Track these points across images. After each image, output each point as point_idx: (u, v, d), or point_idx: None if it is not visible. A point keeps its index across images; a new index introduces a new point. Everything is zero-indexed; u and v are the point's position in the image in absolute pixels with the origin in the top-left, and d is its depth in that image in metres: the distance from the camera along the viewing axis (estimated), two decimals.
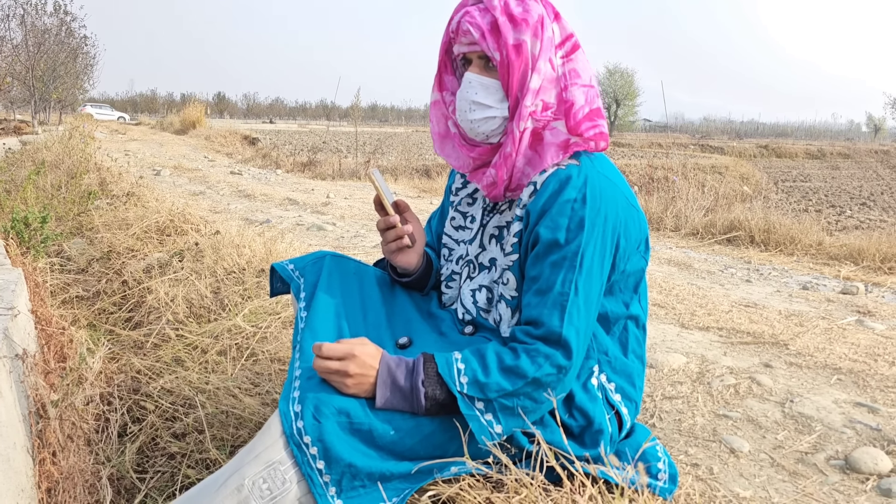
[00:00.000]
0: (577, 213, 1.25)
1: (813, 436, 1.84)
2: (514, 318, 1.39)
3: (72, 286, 3.39)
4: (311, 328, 1.39)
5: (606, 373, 1.41)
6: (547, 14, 1.33)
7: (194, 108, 25.51)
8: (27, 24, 16.78)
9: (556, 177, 1.29)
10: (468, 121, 1.36)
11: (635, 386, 1.46)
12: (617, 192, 1.31)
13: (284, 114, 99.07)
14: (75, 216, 4.66)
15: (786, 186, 23.23)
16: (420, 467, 1.26)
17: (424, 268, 1.57)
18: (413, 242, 1.52)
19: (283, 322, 2.50)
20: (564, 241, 1.25)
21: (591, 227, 1.25)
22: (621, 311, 1.40)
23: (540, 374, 1.22)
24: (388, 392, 1.23)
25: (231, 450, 1.78)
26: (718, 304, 3.19)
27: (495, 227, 1.45)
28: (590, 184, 1.27)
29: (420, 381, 1.23)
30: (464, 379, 1.23)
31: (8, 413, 1.49)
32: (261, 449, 1.20)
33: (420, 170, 13.61)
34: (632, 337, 1.45)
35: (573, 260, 1.25)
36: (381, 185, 1.48)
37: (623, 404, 1.43)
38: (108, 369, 2.30)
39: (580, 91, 1.33)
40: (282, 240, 3.81)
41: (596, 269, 1.27)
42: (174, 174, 9.26)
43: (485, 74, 1.34)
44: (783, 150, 42.93)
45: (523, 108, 1.31)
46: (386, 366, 1.25)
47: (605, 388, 1.40)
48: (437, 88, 1.47)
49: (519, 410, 1.24)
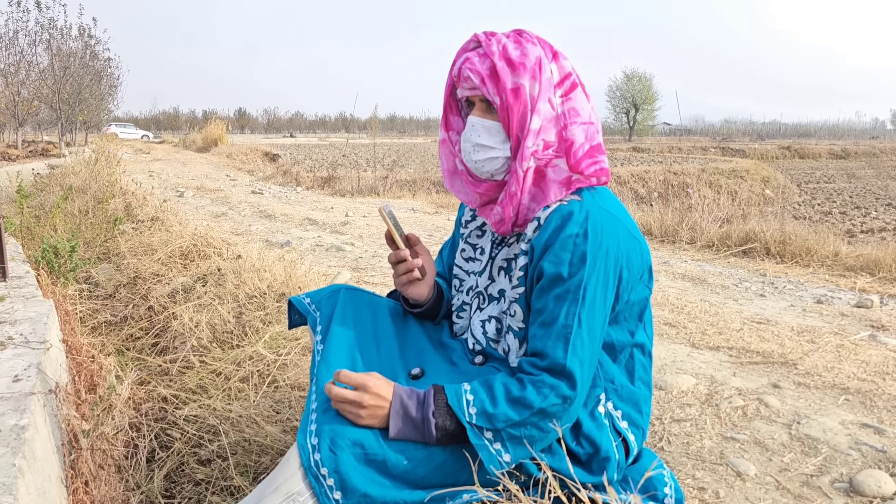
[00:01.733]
0: (580, 248, 1.30)
1: (818, 458, 1.87)
2: (521, 349, 1.44)
3: (100, 312, 3.51)
4: (326, 361, 1.45)
5: (613, 400, 1.45)
6: (545, 55, 1.38)
7: (216, 126, 25.87)
8: (53, 48, 17.20)
9: (559, 212, 1.34)
10: (472, 161, 1.43)
11: (642, 412, 1.50)
12: (618, 224, 1.36)
13: (304, 127, 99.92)
14: (102, 242, 4.80)
15: (809, 188, 22.97)
16: (433, 496, 1.32)
17: (435, 298, 1.62)
18: (424, 275, 1.58)
19: (302, 348, 2.58)
20: (567, 274, 1.30)
21: (592, 261, 1.30)
22: (627, 339, 1.45)
23: (546, 405, 1.28)
24: (400, 423, 1.29)
25: (254, 476, 1.85)
26: (730, 322, 3.22)
27: (504, 259, 1.50)
28: (591, 219, 1.32)
29: (431, 412, 1.29)
30: (472, 410, 1.29)
31: (43, 446, 1.58)
32: (281, 480, 1.27)
33: (438, 182, 13.71)
34: (638, 364, 1.49)
35: (576, 293, 1.30)
36: (392, 221, 1.55)
37: (630, 431, 1.47)
38: (136, 395, 2.40)
39: (580, 129, 1.39)
40: (301, 263, 3.91)
41: (599, 301, 1.31)
42: (197, 195, 9.45)
43: (487, 117, 1.41)
44: (806, 150, 42.42)
45: (525, 149, 1.36)
46: (399, 398, 1.30)
47: (612, 415, 1.45)
48: (444, 128, 1.54)
49: (526, 440, 1.30)
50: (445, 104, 1.52)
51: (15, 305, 2.53)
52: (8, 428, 1.50)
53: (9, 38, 15.83)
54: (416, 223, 7.06)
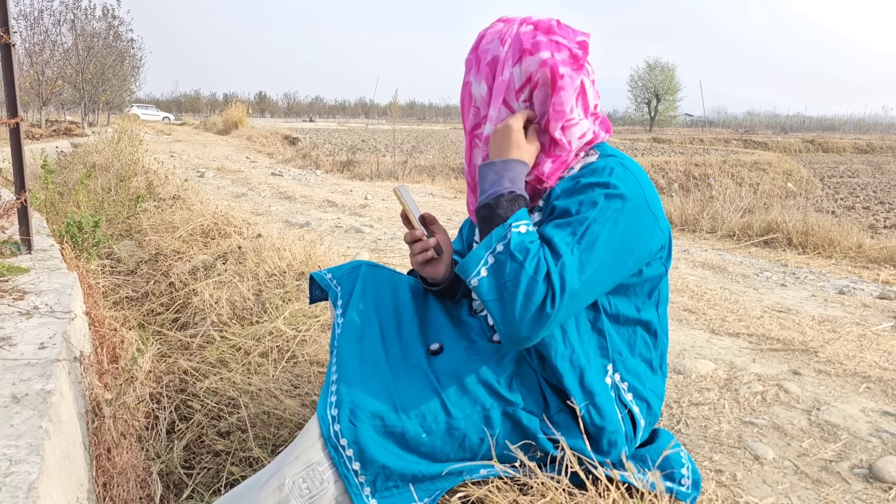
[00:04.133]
0: (598, 193, 1.28)
1: (838, 444, 1.86)
2: None
3: (122, 287, 3.55)
4: (346, 334, 1.46)
5: (620, 372, 1.44)
6: (511, 55, 1.35)
7: (236, 109, 25.96)
8: (77, 28, 17.33)
9: (585, 168, 1.34)
10: None
11: (645, 387, 1.48)
12: (640, 194, 1.32)
13: (324, 112, 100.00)
14: (125, 219, 4.85)
15: (832, 182, 22.65)
16: (450, 469, 1.33)
17: (453, 277, 1.62)
18: (440, 253, 1.57)
19: (321, 325, 2.60)
20: (575, 211, 1.27)
21: (604, 208, 1.26)
22: (632, 314, 1.43)
23: (530, 266, 1.22)
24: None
25: (272, 448, 1.88)
26: (750, 310, 3.19)
27: None
28: (615, 175, 1.30)
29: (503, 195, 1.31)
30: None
31: (68, 412, 1.61)
32: (301, 450, 1.29)
33: (458, 168, 13.67)
34: (639, 340, 1.47)
35: (576, 227, 1.25)
36: (408, 200, 1.55)
37: (635, 403, 1.45)
38: (156, 369, 2.43)
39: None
40: (321, 243, 3.92)
41: (599, 248, 1.25)
42: (217, 176, 9.51)
43: None
44: (830, 144, 41.80)
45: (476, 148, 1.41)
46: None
47: (618, 386, 1.43)
48: None
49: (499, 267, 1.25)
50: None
51: (40, 276, 2.56)
52: (35, 392, 1.52)
53: (34, 17, 15.97)
54: (436, 207, 7.05)
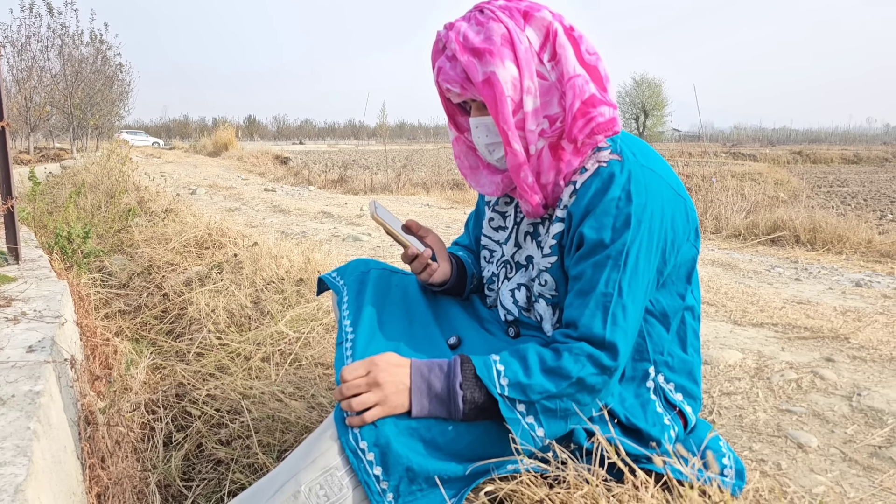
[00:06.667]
0: (623, 211, 1.19)
1: (885, 429, 1.74)
2: (555, 316, 1.34)
3: (114, 301, 3.42)
4: (355, 332, 1.36)
5: (664, 373, 1.35)
6: (516, 23, 1.24)
7: (226, 131, 25.98)
8: (65, 54, 17.24)
9: (599, 176, 1.23)
10: (494, 160, 1.36)
11: (697, 382, 1.40)
12: (662, 183, 1.25)
13: (314, 134, 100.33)
14: (115, 233, 4.72)
15: (823, 191, 22.73)
16: (476, 466, 1.21)
17: (457, 271, 1.54)
18: (437, 258, 1.52)
19: (324, 327, 2.48)
20: (610, 240, 1.19)
21: (637, 224, 1.19)
22: (678, 303, 1.34)
23: (584, 374, 1.16)
24: (424, 399, 1.16)
25: (278, 454, 1.75)
26: (770, 301, 3.08)
27: (530, 223, 1.41)
28: (634, 179, 1.20)
29: (458, 383, 1.17)
30: (504, 381, 1.17)
31: (58, 416, 1.49)
32: (317, 454, 1.17)
33: (451, 183, 13.61)
34: (689, 330, 1.38)
35: (617, 259, 1.19)
36: (385, 216, 1.46)
37: (686, 402, 1.37)
38: (151, 379, 2.30)
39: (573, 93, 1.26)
40: (319, 249, 3.80)
41: (642, 267, 1.20)
42: (209, 192, 9.38)
43: (485, 114, 1.31)
44: (818, 155, 42.08)
45: (529, 134, 1.25)
46: (418, 372, 1.18)
47: (663, 389, 1.34)
48: (455, 129, 1.45)
49: (561, 413, 1.18)
50: (447, 111, 1.43)
51: (28, 285, 2.44)
52: (22, 393, 1.41)
53: (21, 43, 15.87)
54: (433, 217, 6.95)
